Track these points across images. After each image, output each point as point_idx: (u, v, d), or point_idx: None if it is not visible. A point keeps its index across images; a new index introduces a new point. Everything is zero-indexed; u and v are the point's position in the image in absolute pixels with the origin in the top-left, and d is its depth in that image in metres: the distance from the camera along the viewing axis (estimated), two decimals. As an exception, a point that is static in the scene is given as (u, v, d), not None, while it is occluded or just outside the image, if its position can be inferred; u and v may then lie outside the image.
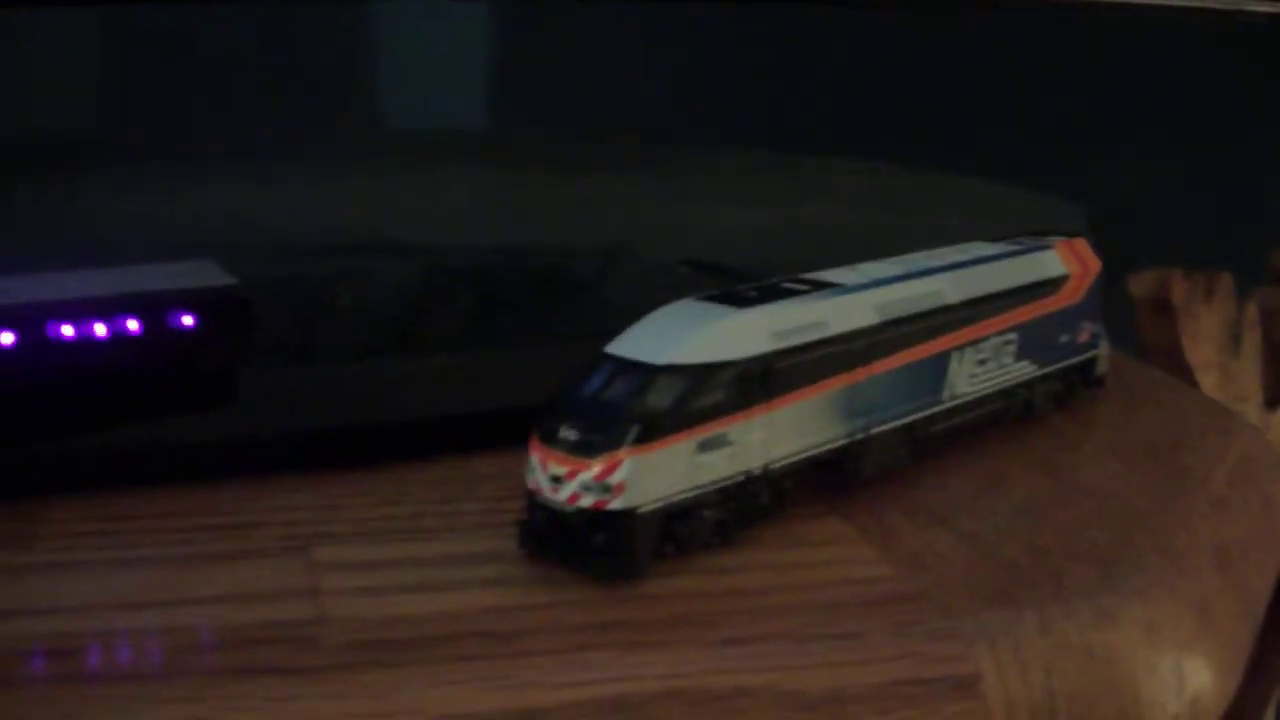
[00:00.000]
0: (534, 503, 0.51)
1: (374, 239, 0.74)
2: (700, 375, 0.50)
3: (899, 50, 1.22)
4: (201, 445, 0.59)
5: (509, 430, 0.53)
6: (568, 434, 0.49)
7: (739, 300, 0.54)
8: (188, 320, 0.57)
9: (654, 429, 0.49)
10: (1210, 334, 1.00)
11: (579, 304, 0.68)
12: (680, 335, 0.51)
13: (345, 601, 0.49)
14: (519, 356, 0.65)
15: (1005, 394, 0.65)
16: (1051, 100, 1.31)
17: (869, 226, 0.85)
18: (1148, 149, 1.37)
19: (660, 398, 0.50)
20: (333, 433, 0.61)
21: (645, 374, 0.50)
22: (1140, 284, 1.01)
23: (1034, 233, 0.71)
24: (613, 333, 0.53)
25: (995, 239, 0.69)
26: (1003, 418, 0.66)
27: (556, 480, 0.49)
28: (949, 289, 0.61)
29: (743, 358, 0.51)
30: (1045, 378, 0.68)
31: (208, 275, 0.58)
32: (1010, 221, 0.73)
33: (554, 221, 0.81)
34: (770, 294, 0.55)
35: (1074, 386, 0.71)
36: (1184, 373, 0.97)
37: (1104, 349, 0.72)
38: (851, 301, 0.57)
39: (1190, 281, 1.00)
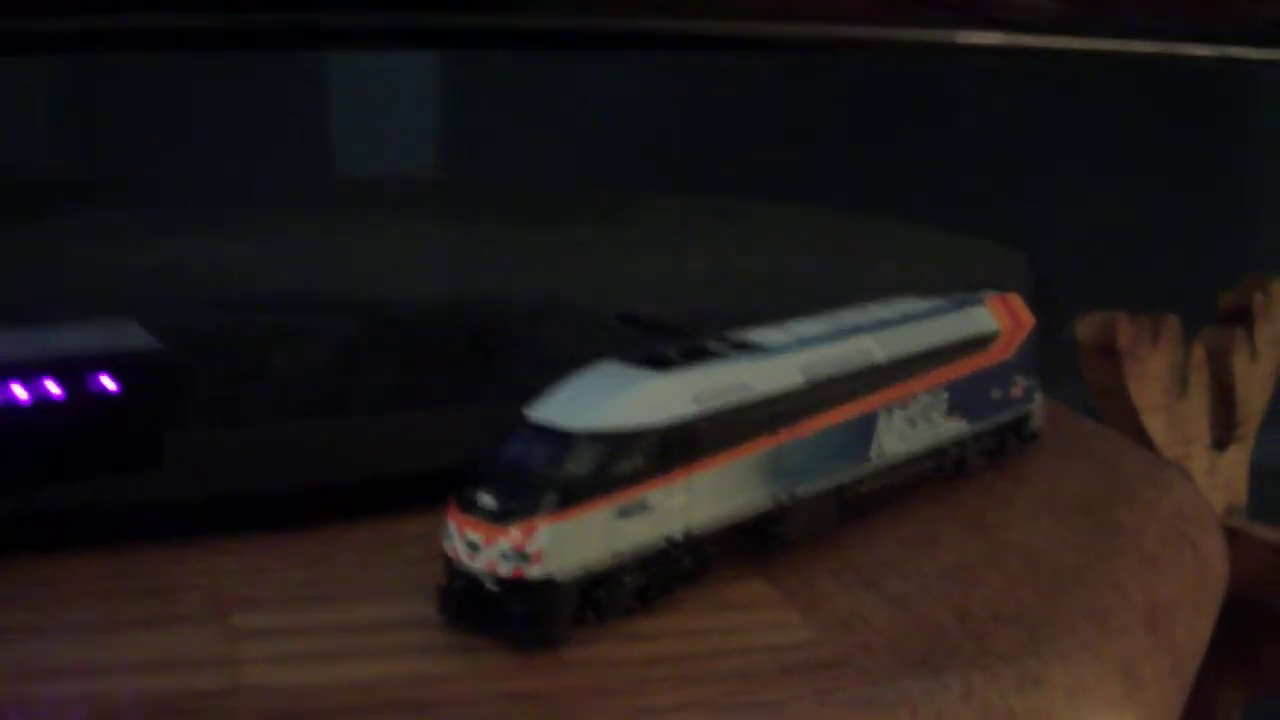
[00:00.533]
0: (452, 569, 0.50)
1: (305, 294, 0.73)
2: (619, 441, 0.50)
3: (839, 97, 1.23)
4: (125, 508, 0.58)
5: (438, 491, 0.53)
6: (486, 501, 0.49)
7: (660, 363, 0.54)
8: (109, 384, 0.56)
9: (572, 496, 0.49)
10: (1157, 376, 1.00)
11: (511, 361, 0.67)
12: (599, 400, 0.51)
13: (262, 670, 0.49)
14: (449, 416, 0.65)
15: (936, 452, 0.65)
16: (993, 145, 1.32)
17: (808, 275, 0.85)
18: (1092, 192, 1.37)
19: (578, 464, 0.49)
20: (259, 495, 0.61)
21: (563, 440, 0.50)
22: (1085, 328, 1.01)
23: (967, 288, 0.71)
24: (545, 390, 0.52)
25: (929, 294, 0.69)
26: (934, 476, 0.66)
27: (474, 547, 0.49)
28: (876, 348, 0.61)
29: (663, 423, 0.51)
30: (977, 435, 0.68)
31: (131, 337, 0.58)
32: (952, 268, 0.73)
33: (487, 276, 0.80)
34: (693, 356, 0.55)
35: (1008, 442, 0.71)
36: (1130, 416, 0.97)
37: (1038, 404, 0.72)
38: (776, 363, 0.57)
39: (1136, 324, 1.00)
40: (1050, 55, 1.02)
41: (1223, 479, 1.05)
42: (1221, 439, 1.02)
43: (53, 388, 0.55)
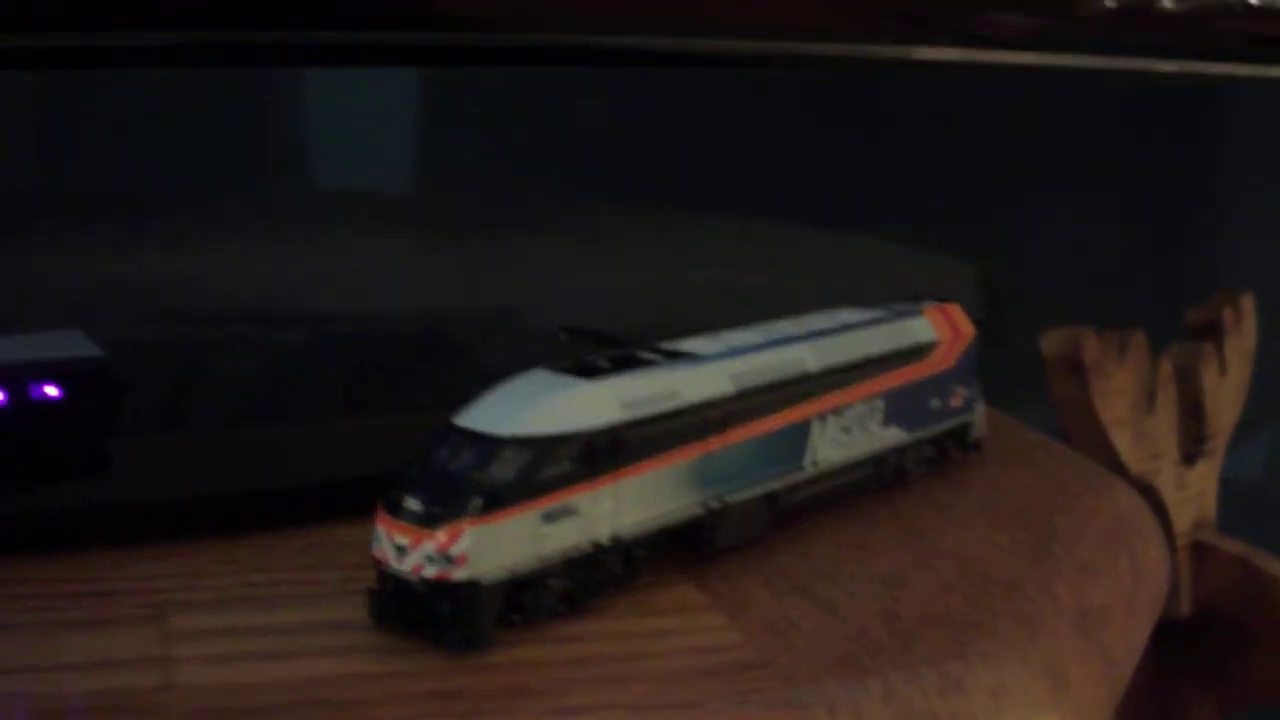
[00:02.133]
0: (382, 572, 0.51)
1: (253, 306, 0.74)
2: (545, 446, 0.51)
3: (787, 109, 1.23)
4: (66, 513, 0.59)
5: (376, 497, 0.53)
6: (412, 505, 0.50)
7: (589, 370, 0.54)
8: (52, 391, 0.57)
9: (497, 500, 0.50)
10: (1123, 391, 1.01)
11: (456, 371, 0.68)
12: (525, 406, 0.52)
13: (194, 669, 0.50)
14: (392, 424, 0.66)
15: (873, 461, 0.66)
16: (954, 157, 1.33)
17: (756, 289, 0.86)
18: (1060, 208, 1.38)
19: (504, 469, 0.50)
20: (200, 501, 0.61)
21: (489, 445, 0.51)
22: (1051, 342, 1.01)
23: (907, 298, 0.72)
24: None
25: (869, 303, 0.70)
26: (872, 484, 0.67)
27: (401, 550, 0.50)
28: (810, 357, 0.62)
29: (589, 429, 0.52)
30: (916, 444, 0.69)
31: (73, 346, 0.59)
32: (901, 280, 0.74)
33: (433, 286, 0.81)
34: (623, 364, 0.56)
35: (948, 451, 0.72)
36: (1097, 431, 0.98)
37: (980, 413, 0.73)
38: (706, 371, 0.57)
39: (1102, 339, 1.00)
40: (1013, 71, 1.03)
41: (1192, 493, 1.05)
42: (1190, 453, 1.03)
43: (-4, 395, 0.56)
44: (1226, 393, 1.05)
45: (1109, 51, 0.99)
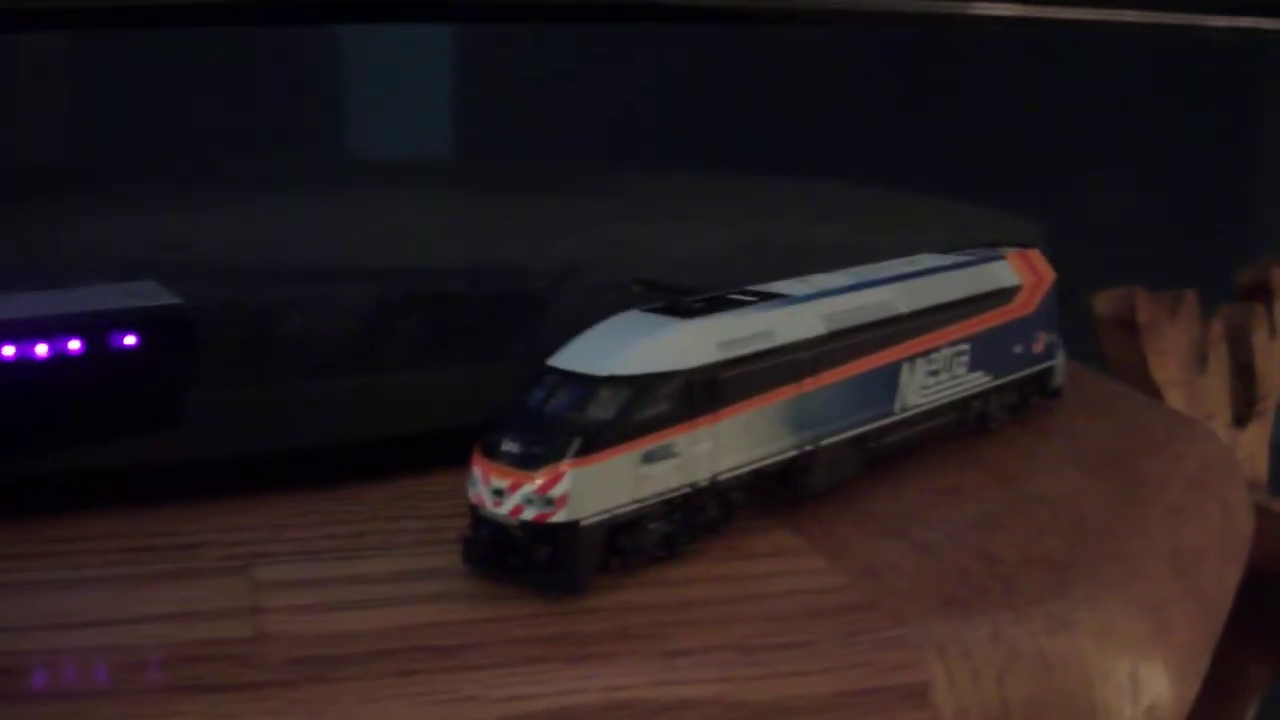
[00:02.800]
0: (477, 517, 0.50)
1: (326, 263, 0.73)
2: (643, 386, 0.50)
3: (856, 69, 1.23)
4: (146, 466, 0.58)
5: (459, 449, 0.52)
6: (510, 447, 0.49)
7: (684, 311, 0.53)
8: (130, 340, 0.56)
9: (596, 441, 0.49)
10: (1176, 352, 1.00)
11: (532, 323, 0.67)
12: (623, 346, 0.51)
13: (285, 619, 0.49)
14: (470, 375, 0.65)
15: (959, 405, 0.65)
16: (1016, 118, 1.32)
17: (826, 245, 0.85)
18: (1111, 166, 1.37)
19: (603, 409, 0.49)
20: (280, 454, 0.60)
21: (587, 386, 0.50)
22: (1105, 302, 1.01)
23: (987, 244, 0.70)
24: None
25: (949, 249, 0.69)
26: (958, 429, 0.66)
27: (499, 494, 0.49)
28: (899, 299, 0.61)
29: (687, 368, 0.51)
30: (1000, 389, 0.67)
31: (150, 295, 0.58)
32: (969, 237, 0.73)
33: (508, 243, 0.80)
34: (716, 305, 0.55)
35: (1030, 398, 0.70)
36: (1150, 391, 0.97)
37: (1060, 360, 0.72)
38: (798, 312, 0.56)
39: (1155, 299, 0.99)
40: (1068, 27, 1.02)
41: (1243, 454, 1.04)
42: (1241, 415, 1.02)
43: (73, 344, 0.55)
44: (1277, 355, 1.04)
45: (1160, 6, 0.98)
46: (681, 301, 0.54)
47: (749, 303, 0.56)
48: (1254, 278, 1.08)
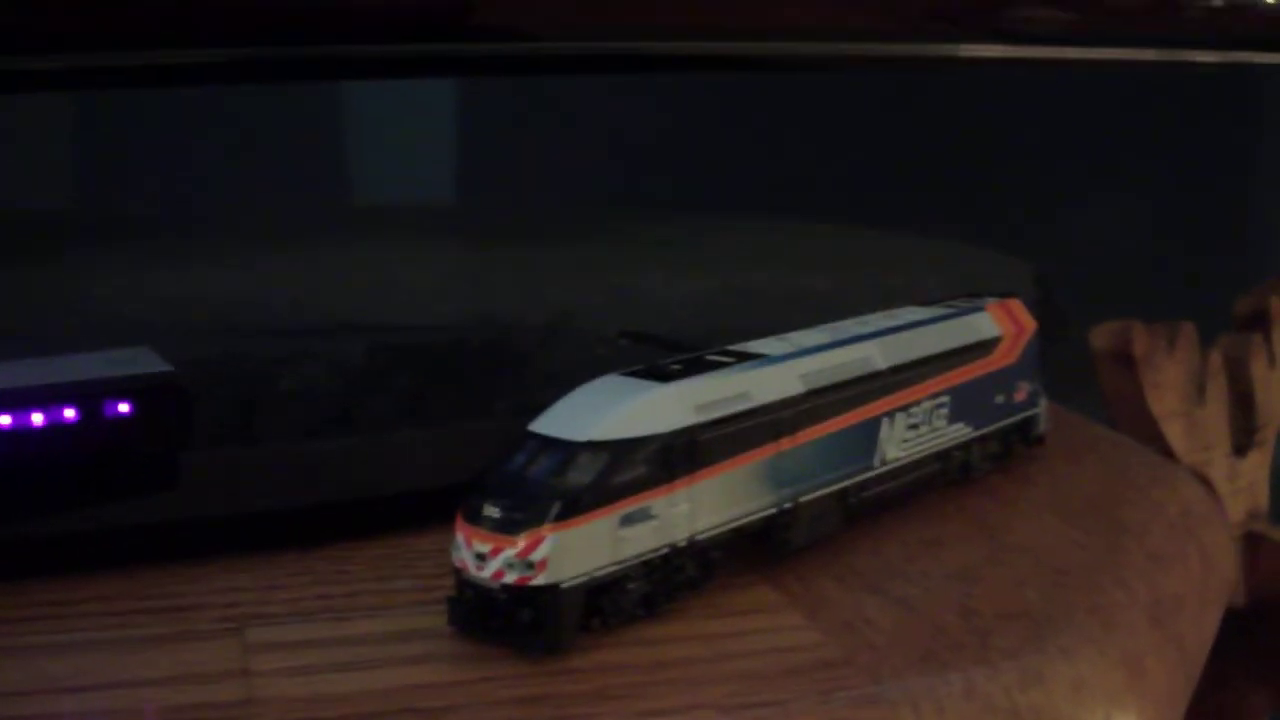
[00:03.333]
0: (461, 580, 0.51)
1: (316, 318, 0.74)
2: (621, 451, 0.51)
3: (842, 113, 1.23)
4: (141, 529, 0.59)
5: (450, 506, 0.53)
6: (491, 512, 0.50)
7: (661, 375, 0.54)
8: (124, 407, 0.57)
9: (576, 505, 0.50)
10: (1174, 384, 1.00)
11: (519, 378, 0.68)
12: (601, 411, 0.52)
13: (276, 682, 0.50)
14: (461, 433, 0.66)
15: (940, 457, 0.66)
16: (1003, 158, 1.32)
17: (813, 291, 0.86)
18: (1104, 200, 1.38)
19: (581, 474, 0.50)
20: (273, 514, 0.62)
21: (567, 451, 0.51)
22: (1101, 336, 1.01)
23: (968, 295, 0.71)
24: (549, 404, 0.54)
25: (928, 301, 0.70)
26: (939, 480, 0.67)
27: (481, 558, 0.50)
28: (877, 355, 0.62)
29: (664, 432, 0.52)
30: (982, 439, 0.69)
31: (144, 363, 0.59)
32: (957, 280, 0.74)
33: (494, 294, 0.81)
34: (694, 367, 0.56)
35: (1013, 446, 0.71)
36: (1148, 423, 0.98)
37: (1043, 407, 0.73)
38: (776, 372, 0.57)
39: (1152, 332, 1.00)
40: (1056, 66, 1.03)
41: (1244, 484, 1.05)
42: (1241, 444, 1.02)
43: (68, 413, 0.57)
44: (1276, 383, 1.05)
45: (1149, 44, 0.99)
46: (659, 365, 0.56)
47: (727, 364, 0.57)
48: (1251, 307, 1.08)
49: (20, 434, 0.56)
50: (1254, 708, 1.01)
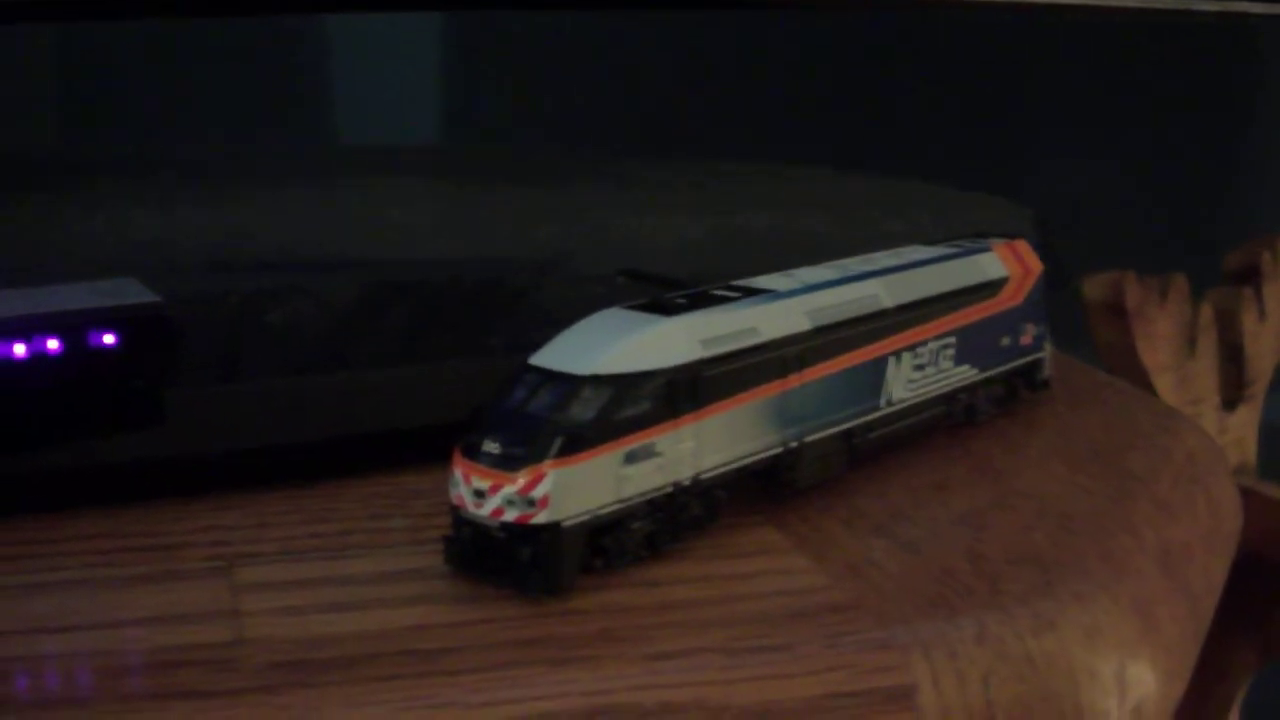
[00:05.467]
0: (459, 518, 0.50)
1: (308, 254, 0.73)
2: (625, 385, 0.49)
3: (838, 55, 1.22)
4: (127, 465, 0.58)
5: (443, 445, 0.52)
6: (491, 448, 0.49)
7: (666, 308, 0.53)
8: (109, 339, 0.56)
9: (578, 441, 0.48)
10: (1165, 336, 1.00)
11: (514, 316, 0.67)
12: (604, 345, 0.50)
13: (267, 622, 0.49)
14: (454, 370, 0.64)
15: (946, 399, 0.65)
16: (1000, 102, 1.31)
17: (811, 233, 0.84)
18: (1099, 151, 1.36)
19: (584, 409, 0.49)
20: (262, 451, 0.60)
21: (569, 385, 0.49)
22: (1093, 287, 1.00)
23: (973, 235, 0.70)
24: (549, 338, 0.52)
25: (934, 241, 0.68)
26: (944, 423, 0.65)
27: (480, 495, 0.48)
28: (884, 293, 0.60)
29: (669, 366, 0.51)
30: (987, 381, 0.67)
31: (130, 293, 0.57)
32: (956, 224, 0.72)
33: (490, 234, 0.80)
34: (699, 301, 0.54)
35: (1017, 390, 0.70)
36: (1139, 375, 0.97)
37: (1048, 352, 0.71)
38: (783, 307, 0.56)
39: (1144, 284, 0.99)
40: (1059, 11, 1.01)
41: (1233, 438, 1.04)
42: (1231, 398, 1.02)
43: (51, 344, 0.55)
44: (1266, 337, 1.04)
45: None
46: (664, 298, 0.54)
47: (732, 298, 0.55)
48: (1243, 261, 1.07)
49: (1, 365, 0.54)
50: (1242, 663, 1.00)
